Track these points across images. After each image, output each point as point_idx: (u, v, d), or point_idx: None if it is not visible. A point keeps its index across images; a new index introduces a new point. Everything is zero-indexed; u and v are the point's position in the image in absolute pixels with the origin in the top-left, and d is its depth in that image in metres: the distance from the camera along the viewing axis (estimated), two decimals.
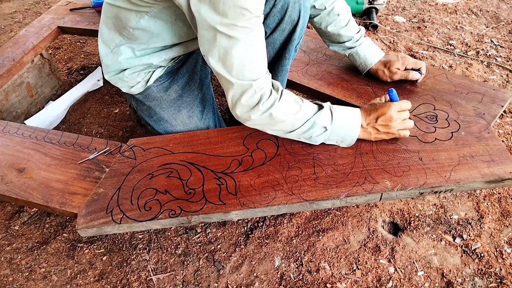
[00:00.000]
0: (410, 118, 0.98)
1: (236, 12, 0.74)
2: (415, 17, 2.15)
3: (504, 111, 1.51)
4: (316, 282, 1.04)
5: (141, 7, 0.91)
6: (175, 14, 0.93)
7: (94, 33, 1.63)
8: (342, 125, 0.94)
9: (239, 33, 0.77)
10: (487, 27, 2.02)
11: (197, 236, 1.17)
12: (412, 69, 1.15)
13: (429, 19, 2.11)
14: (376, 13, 2.08)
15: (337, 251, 1.10)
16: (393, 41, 1.96)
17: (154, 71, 1.06)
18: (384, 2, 2.09)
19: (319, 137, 0.95)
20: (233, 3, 0.73)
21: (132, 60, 1.02)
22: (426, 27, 2.04)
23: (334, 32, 1.16)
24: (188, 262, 1.10)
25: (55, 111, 1.61)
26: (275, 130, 0.94)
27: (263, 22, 1.02)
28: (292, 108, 0.89)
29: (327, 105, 0.94)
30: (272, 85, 0.89)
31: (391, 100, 0.97)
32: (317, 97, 1.25)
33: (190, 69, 1.12)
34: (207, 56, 0.83)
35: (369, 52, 1.18)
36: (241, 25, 0.76)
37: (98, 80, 1.79)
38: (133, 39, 0.99)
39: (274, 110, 0.87)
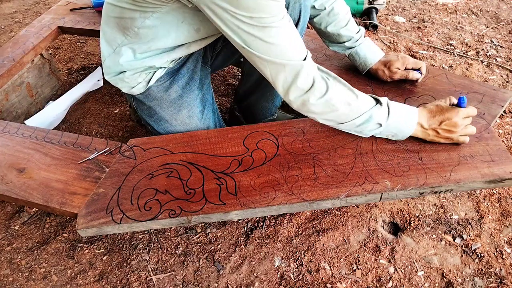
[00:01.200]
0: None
1: (265, 5, 0.75)
2: (415, 17, 2.15)
3: (504, 111, 1.51)
4: (316, 282, 1.04)
5: (146, 8, 0.91)
6: (183, 16, 0.92)
7: (94, 33, 1.63)
8: (397, 123, 0.93)
9: (274, 21, 0.77)
10: (487, 27, 2.02)
11: (197, 236, 1.17)
12: (412, 69, 1.15)
13: (429, 19, 2.11)
14: (376, 13, 2.08)
15: (337, 251, 1.10)
16: (393, 41, 1.96)
17: (155, 71, 1.06)
18: (384, 2, 2.09)
19: (372, 131, 0.95)
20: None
21: (133, 62, 1.01)
22: (426, 27, 2.04)
23: (334, 32, 1.16)
24: (188, 262, 1.10)
25: (55, 111, 1.62)
26: (328, 120, 0.92)
27: None
28: (348, 96, 0.88)
29: (384, 100, 0.92)
30: (324, 73, 0.88)
31: (459, 106, 0.95)
32: None
33: (190, 69, 1.12)
34: (246, 50, 0.82)
35: (369, 52, 1.18)
36: (274, 13, 0.77)
37: (98, 80, 1.79)
38: (136, 39, 0.98)
39: (331, 95, 0.85)
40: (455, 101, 0.97)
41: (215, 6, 0.77)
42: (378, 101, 0.92)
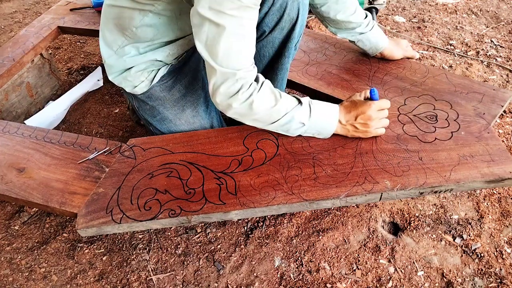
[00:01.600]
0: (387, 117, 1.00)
1: (226, 0, 0.75)
2: (415, 17, 2.15)
3: (504, 111, 1.51)
4: (316, 282, 1.04)
5: (145, 5, 0.91)
6: (179, 9, 0.93)
7: (94, 33, 1.63)
8: (319, 121, 0.96)
9: (226, 21, 0.77)
10: (487, 27, 2.02)
11: (197, 236, 1.17)
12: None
13: (429, 19, 2.11)
14: (376, 13, 2.08)
15: (337, 251, 1.10)
16: None
17: (159, 69, 1.06)
18: (384, 2, 2.09)
19: (297, 130, 0.97)
20: None
21: (137, 58, 1.01)
22: (426, 27, 2.04)
23: (344, 19, 1.18)
24: (188, 262, 1.10)
25: (55, 111, 1.62)
26: (254, 121, 0.95)
27: (262, 21, 1.02)
28: (270, 100, 0.90)
29: (305, 100, 0.95)
30: (256, 78, 0.90)
31: (371, 99, 0.98)
32: (317, 97, 1.25)
33: (193, 68, 1.12)
34: (195, 41, 0.84)
35: (380, 36, 1.24)
36: (230, 13, 0.76)
37: (98, 80, 1.79)
38: (136, 39, 0.99)
39: (253, 100, 0.88)
40: (368, 94, 1.00)
41: None
42: (299, 102, 0.94)
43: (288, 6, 0.99)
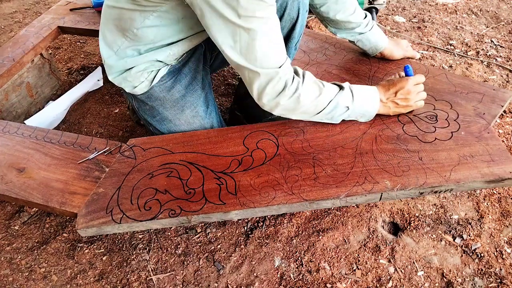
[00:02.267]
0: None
1: (253, 4, 0.75)
2: (415, 17, 2.15)
3: (504, 111, 1.51)
4: (316, 282, 1.04)
5: (146, 7, 0.91)
6: (182, 12, 0.93)
7: (94, 33, 1.63)
8: (362, 102, 0.99)
9: (257, 24, 0.78)
10: (487, 27, 2.02)
11: (197, 236, 1.17)
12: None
13: (429, 19, 2.11)
14: (376, 13, 2.08)
15: (337, 251, 1.10)
16: None
17: (159, 70, 1.06)
18: (384, 2, 2.09)
19: (341, 116, 1.00)
20: None
21: (137, 58, 1.01)
22: (426, 27, 2.04)
23: (343, 19, 1.18)
24: (188, 262, 1.10)
25: (55, 111, 1.62)
26: (301, 114, 0.97)
27: None
28: (314, 91, 0.92)
29: (346, 85, 0.97)
30: (295, 70, 0.92)
31: (407, 75, 1.03)
32: None
33: (193, 68, 1.12)
34: (226, 50, 0.84)
35: (379, 36, 1.24)
36: (259, 15, 0.77)
37: (98, 80, 1.79)
38: (136, 40, 0.98)
39: (300, 94, 0.90)
40: (403, 74, 1.06)
41: (205, 6, 0.77)
42: (341, 87, 0.97)
43: (288, 5, 0.99)
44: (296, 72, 0.93)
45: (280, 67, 0.86)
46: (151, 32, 0.96)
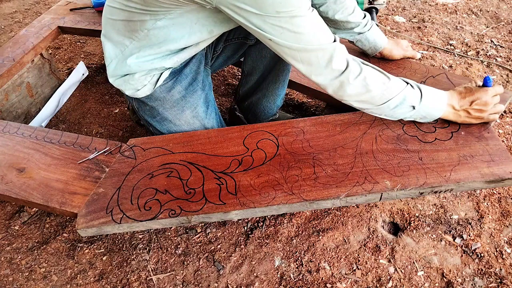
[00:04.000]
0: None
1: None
2: (415, 17, 2.15)
3: (504, 111, 1.51)
4: (316, 282, 1.04)
5: (158, 11, 0.89)
6: (196, 18, 0.91)
7: (94, 33, 1.63)
8: (428, 105, 0.95)
9: (295, 11, 0.78)
10: (487, 27, 2.02)
11: (197, 236, 1.17)
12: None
13: (429, 19, 2.11)
14: (376, 13, 2.08)
15: (337, 251, 1.10)
16: None
17: (162, 73, 1.04)
18: (384, 2, 2.08)
19: (403, 114, 0.96)
20: None
21: (142, 64, 0.99)
22: (426, 27, 2.04)
23: (342, 19, 1.18)
24: (188, 262, 1.10)
25: (48, 109, 1.61)
26: (363, 102, 0.93)
27: None
28: (381, 76, 0.90)
29: (414, 83, 0.94)
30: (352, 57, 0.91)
31: (486, 86, 0.97)
32: (317, 97, 1.25)
33: (193, 69, 1.11)
34: (276, 40, 0.83)
35: (378, 36, 1.24)
36: (298, 5, 0.78)
37: (83, 74, 1.80)
38: (145, 41, 0.95)
39: (365, 76, 0.87)
40: (480, 83, 1.00)
41: (238, 8, 0.78)
42: (408, 83, 0.93)
43: None
44: (354, 59, 0.90)
45: (335, 41, 0.85)
46: (162, 34, 0.94)
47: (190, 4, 0.86)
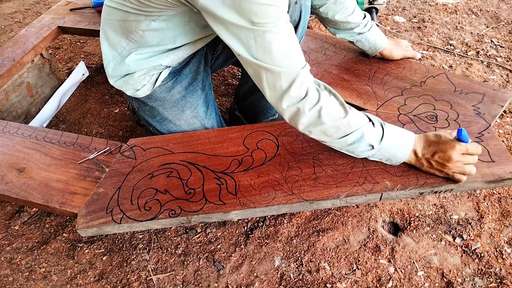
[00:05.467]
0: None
1: (266, 9, 0.73)
2: (415, 17, 2.15)
3: (504, 111, 1.51)
4: (316, 282, 1.04)
5: (152, 12, 0.90)
6: (189, 16, 0.92)
7: (94, 33, 1.63)
8: (391, 147, 0.88)
9: (271, 27, 0.76)
10: (487, 27, 2.02)
11: (197, 236, 1.17)
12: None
13: (429, 19, 2.11)
14: (376, 13, 2.08)
15: (337, 251, 1.10)
16: None
17: (161, 72, 1.05)
18: (384, 2, 2.09)
19: (364, 153, 0.90)
20: (260, 1, 0.72)
21: (140, 62, 1.00)
22: (426, 27, 2.04)
23: (342, 20, 1.18)
24: (188, 262, 1.10)
25: (49, 110, 1.61)
26: (321, 133, 0.87)
27: None
28: (339, 110, 0.84)
29: (378, 121, 0.88)
30: (320, 85, 0.87)
31: (459, 139, 0.87)
32: None
33: (193, 70, 1.12)
34: (243, 56, 0.80)
35: (378, 36, 1.24)
36: (273, 20, 0.75)
37: (83, 74, 1.80)
38: (141, 42, 0.96)
39: (321, 106, 0.83)
40: (455, 134, 0.90)
41: (215, 13, 0.77)
42: (371, 121, 0.87)
43: (290, 8, 0.99)
44: (319, 85, 0.86)
45: (302, 68, 0.81)
46: (157, 35, 0.95)
47: (181, 6, 0.86)
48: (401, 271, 1.05)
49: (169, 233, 1.18)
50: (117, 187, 0.95)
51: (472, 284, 1.01)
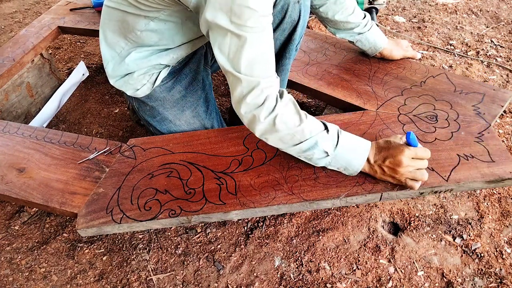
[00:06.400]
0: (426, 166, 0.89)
1: (244, 12, 0.74)
2: (415, 17, 2.15)
3: (504, 111, 1.51)
4: (316, 282, 1.04)
5: (149, 12, 0.91)
6: (186, 15, 0.93)
7: (94, 33, 1.63)
8: (345, 154, 0.88)
9: (248, 32, 0.77)
10: (487, 27, 2.02)
11: (197, 236, 1.17)
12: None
13: (429, 19, 2.11)
14: (376, 13, 2.08)
15: (337, 251, 1.10)
16: None
17: (160, 72, 1.05)
18: (384, 2, 2.08)
19: (320, 160, 0.90)
20: (241, 2, 0.73)
21: (140, 61, 1.00)
22: (426, 27, 2.04)
23: (342, 20, 1.19)
24: (188, 262, 1.10)
25: (49, 110, 1.61)
26: (276, 140, 0.88)
27: None
28: (294, 119, 0.85)
29: (334, 128, 0.88)
30: (281, 93, 0.87)
31: (408, 144, 0.87)
32: (317, 97, 1.25)
33: (193, 69, 1.12)
34: (216, 53, 0.82)
35: (378, 36, 1.24)
36: (250, 25, 0.76)
37: (83, 74, 1.80)
38: (139, 42, 0.98)
39: (276, 114, 0.83)
40: (404, 138, 0.90)
41: (203, 12, 0.77)
42: (326, 128, 0.88)
43: (289, 8, 0.99)
44: (281, 95, 0.86)
45: (264, 79, 0.81)
46: (154, 35, 0.96)
47: (176, 5, 0.87)
48: (401, 271, 1.05)
49: (169, 233, 1.18)
50: (117, 187, 0.95)
51: (472, 284, 1.01)
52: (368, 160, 0.89)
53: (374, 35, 1.23)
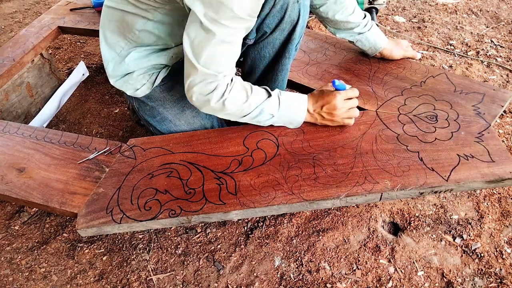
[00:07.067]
0: (357, 107, 1.03)
1: (221, 8, 0.75)
2: (415, 17, 2.15)
3: (504, 111, 1.51)
4: (316, 282, 1.04)
5: (147, 11, 0.92)
6: (182, 14, 0.93)
7: (94, 33, 1.63)
8: (288, 111, 1.00)
9: (218, 29, 0.78)
10: (487, 27, 2.02)
11: (197, 236, 1.17)
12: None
13: (429, 19, 2.11)
14: (376, 13, 2.08)
15: (337, 251, 1.10)
16: None
17: (160, 71, 1.06)
18: (384, 2, 2.08)
19: (267, 121, 1.01)
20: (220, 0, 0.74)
21: (139, 61, 1.01)
22: (426, 27, 2.04)
23: (342, 19, 1.19)
24: (188, 262, 1.10)
25: (49, 110, 1.61)
26: (227, 115, 0.97)
27: (263, 22, 1.02)
28: (241, 97, 0.93)
29: (275, 93, 0.98)
30: (231, 80, 0.92)
31: (336, 89, 1.01)
32: None
33: None
34: (184, 35, 0.84)
35: (378, 36, 1.24)
36: (223, 23, 0.77)
37: (83, 74, 1.80)
38: (138, 42, 0.98)
39: (226, 98, 0.90)
40: (332, 87, 1.03)
41: (192, 9, 0.78)
42: (269, 94, 0.97)
43: (289, 7, 0.99)
44: (230, 81, 0.92)
45: (220, 73, 0.86)
46: (152, 34, 0.96)
47: (171, 3, 0.88)
48: (401, 271, 1.05)
49: (169, 233, 1.18)
50: (117, 187, 0.95)
51: (472, 284, 1.01)
52: (308, 111, 1.01)
53: (374, 35, 1.23)
